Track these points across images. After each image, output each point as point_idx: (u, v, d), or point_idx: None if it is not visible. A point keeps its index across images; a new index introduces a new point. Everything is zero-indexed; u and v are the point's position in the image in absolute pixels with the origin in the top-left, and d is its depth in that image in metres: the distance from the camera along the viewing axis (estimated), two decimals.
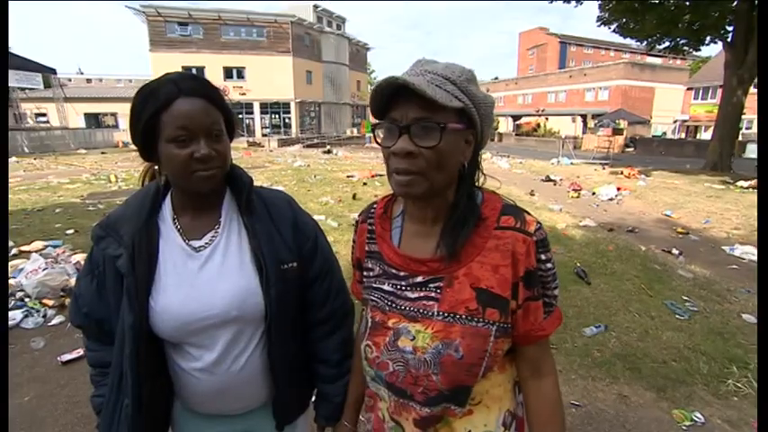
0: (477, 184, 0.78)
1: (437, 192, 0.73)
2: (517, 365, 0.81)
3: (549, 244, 0.75)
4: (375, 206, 0.90)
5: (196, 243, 0.90)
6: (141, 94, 0.83)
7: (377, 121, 0.73)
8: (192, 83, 0.83)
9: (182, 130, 0.80)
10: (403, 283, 0.78)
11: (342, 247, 5.15)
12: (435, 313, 0.74)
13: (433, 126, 0.66)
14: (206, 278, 0.89)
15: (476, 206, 0.75)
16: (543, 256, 0.73)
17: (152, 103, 0.81)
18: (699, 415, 2.28)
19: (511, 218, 0.74)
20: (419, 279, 0.76)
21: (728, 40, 13.17)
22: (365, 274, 0.87)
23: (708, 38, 14.23)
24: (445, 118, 0.66)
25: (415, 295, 0.76)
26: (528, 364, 0.79)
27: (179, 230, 0.91)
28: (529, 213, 0.76)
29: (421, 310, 0.75)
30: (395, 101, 0.68)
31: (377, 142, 0.73)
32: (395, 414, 0.80)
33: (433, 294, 0.75)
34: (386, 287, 0.81)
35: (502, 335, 0.73)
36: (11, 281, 3.83)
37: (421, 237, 0.79)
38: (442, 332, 0.72)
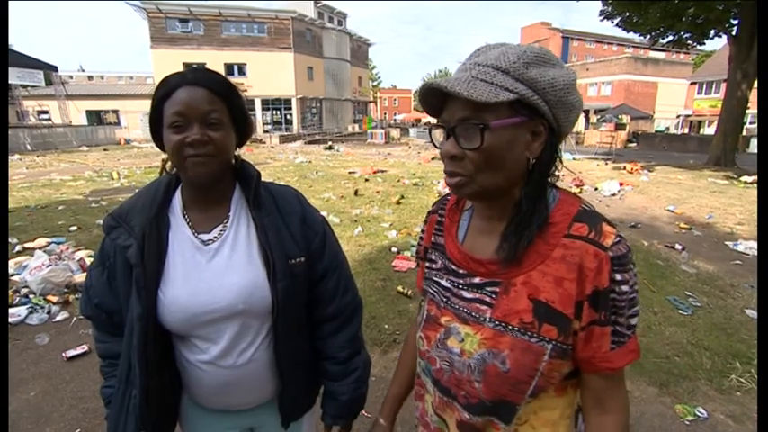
0: (554, 180, 0.70)
1: (494, 193, 0.67)
2: (580, 393, 0.72)
3: (632, 262, 0.64)
4: (449, 197, 0.85)
5: (205, 236, 0.91)
6: (157, 87, 0.87)
7: (433, 122, 0.70)
8: (197, 74, 0.85)
9: (177, 116, 0.82)
10: (461, 281, 0.74)
11: (344, 243, 5.16)
12: (487, 319, 0.69)
13: (473, 127, 0.61)
14: (214, 271, 0.89)
15: (543, 208, 0.67)
16: (618, 276, 0.62)
17: (159, 92, 0.84)
18: (702, 410, 2.29)
19: (584, 226, 0.65)
20: (476, 280, 0.72)
21: (733, 33, 13.04)
22: (427, 265, 0.84)
23: (712, 32, 14.07)
24: (494, 115, 0.61)
25: (471, 296, 0.72)
26: (590, 393, 0.70)
27: (188, 223, 0.92)
28: (609, 223, 0.66)
29: (473, 313, 0.71)
30: (447, 100, 0.65)
31: (434, 144, 0.70)
32: (439, 409, 0.78)
33: (487, 299, 0.70)
34: (444, 282, 0.78)
35: (559, 356, 0.65)
36: (15, 277, 3.86)
37: (485, 235, 0.74)
38: (491, 340, 0.68)
